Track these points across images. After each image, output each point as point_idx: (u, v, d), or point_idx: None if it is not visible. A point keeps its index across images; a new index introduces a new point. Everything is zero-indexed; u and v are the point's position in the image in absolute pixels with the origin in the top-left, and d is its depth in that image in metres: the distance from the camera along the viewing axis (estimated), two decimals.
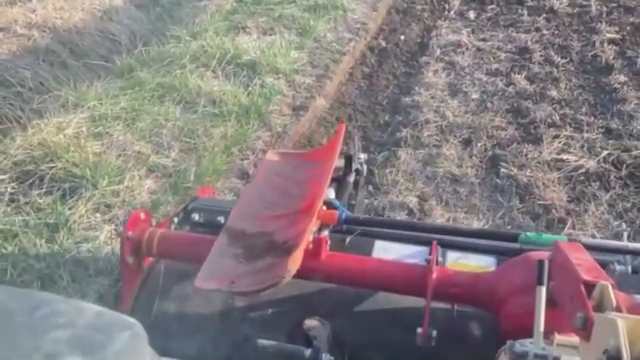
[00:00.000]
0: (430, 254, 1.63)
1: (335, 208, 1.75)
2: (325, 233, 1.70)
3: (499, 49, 4.69)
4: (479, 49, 4.70)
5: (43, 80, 3.65)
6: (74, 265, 2.41)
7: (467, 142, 3.61)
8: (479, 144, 3.58)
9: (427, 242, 1.73)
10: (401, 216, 3.00)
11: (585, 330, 1.04)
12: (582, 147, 3.52)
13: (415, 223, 2.09)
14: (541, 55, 4.55)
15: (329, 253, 1.65)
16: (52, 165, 2.89)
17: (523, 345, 0.99)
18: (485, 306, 1.54)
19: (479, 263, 1.74)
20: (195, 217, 1.88)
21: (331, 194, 1.92)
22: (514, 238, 1.69)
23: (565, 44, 4.74)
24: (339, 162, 2.02)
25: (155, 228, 1.74)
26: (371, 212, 3.01)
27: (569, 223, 2.96)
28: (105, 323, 0.82)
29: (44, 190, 2.79)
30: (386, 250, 1.77)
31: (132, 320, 0.83)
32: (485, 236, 1.82)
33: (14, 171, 2.89)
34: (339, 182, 2.07)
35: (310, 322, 1.49)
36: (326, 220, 1.70)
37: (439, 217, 3.00)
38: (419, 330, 1.47)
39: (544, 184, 3.21)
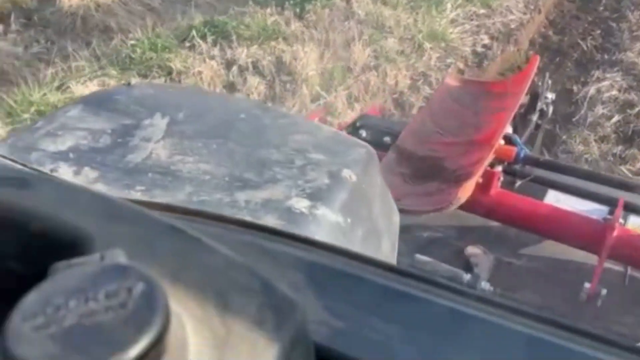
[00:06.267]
0: (611, 212, 1.53)
1: (513, 144, 1.66)
2: (499, 169, 1.63)
3: None
4: None
5: None
6: (431, 32, 4.01)
7: None
8: None
9: (608, 201, 1.59)
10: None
11: None
12: None
13: (601, 175, 1.94)
14: None
15: (499, 190, 1.61)
16: None
17: None
18: None
19: None
20: (363, 133, 1.87)
21: (509, 130, 1.80)
22: None
23: None
24: (524, 98, 1.89)
25: None
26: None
27: None
28: (343, 139, 0.85)
29: None
30: (558, 202, 1.67)
31: (365, 143, 0.86)
32: None
33: None
34: (518, 119, 1.96)
35: (473, 249, 1.45)
36: (502, 156, 1.62)
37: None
38: (587, 285, 1.41)
39: None
